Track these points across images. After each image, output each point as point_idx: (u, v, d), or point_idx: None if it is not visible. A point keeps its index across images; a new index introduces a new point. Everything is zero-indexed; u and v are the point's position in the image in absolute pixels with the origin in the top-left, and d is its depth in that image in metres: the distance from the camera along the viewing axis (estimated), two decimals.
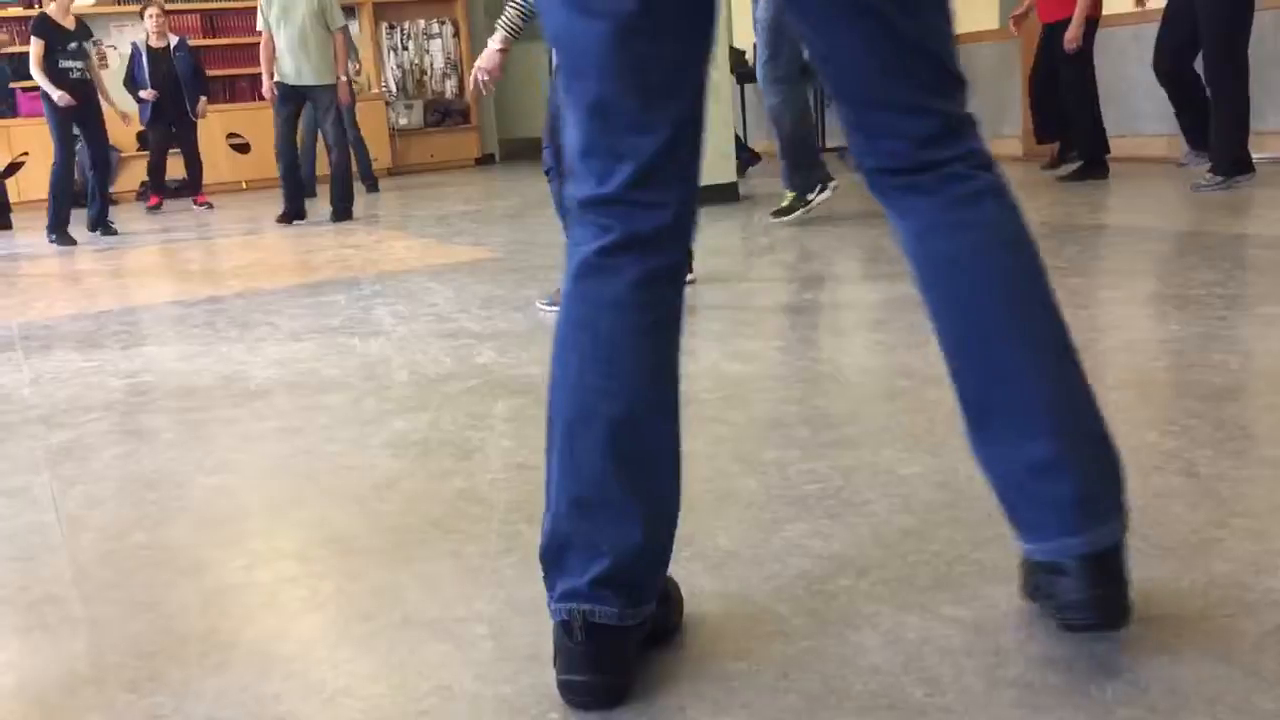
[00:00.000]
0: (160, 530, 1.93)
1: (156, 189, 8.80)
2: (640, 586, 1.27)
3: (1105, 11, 6.24)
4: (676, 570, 1.58)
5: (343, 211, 7.19)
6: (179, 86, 8.43)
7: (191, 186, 8.87)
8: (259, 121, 9.49)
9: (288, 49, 6.98)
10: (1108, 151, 6.02)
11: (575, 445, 1.25)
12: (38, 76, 6.78)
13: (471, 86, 3.75)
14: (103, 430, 2.60)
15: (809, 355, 2.80)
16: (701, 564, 1.61)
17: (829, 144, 9.21)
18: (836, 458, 2.00)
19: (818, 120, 6.24)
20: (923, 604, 1.43)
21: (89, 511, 2.05)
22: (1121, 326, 2.81)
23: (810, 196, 5.21)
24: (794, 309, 3.43)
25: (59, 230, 6.84)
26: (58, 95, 6.68)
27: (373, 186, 9.19)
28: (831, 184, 5.22)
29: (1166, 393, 2.28)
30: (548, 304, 3.62)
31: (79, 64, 6.86)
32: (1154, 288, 3.30)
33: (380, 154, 11.22)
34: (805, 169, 5.22)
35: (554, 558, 1.27)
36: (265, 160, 9.43)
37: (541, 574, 1.29)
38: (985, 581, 1.48)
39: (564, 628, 1.26)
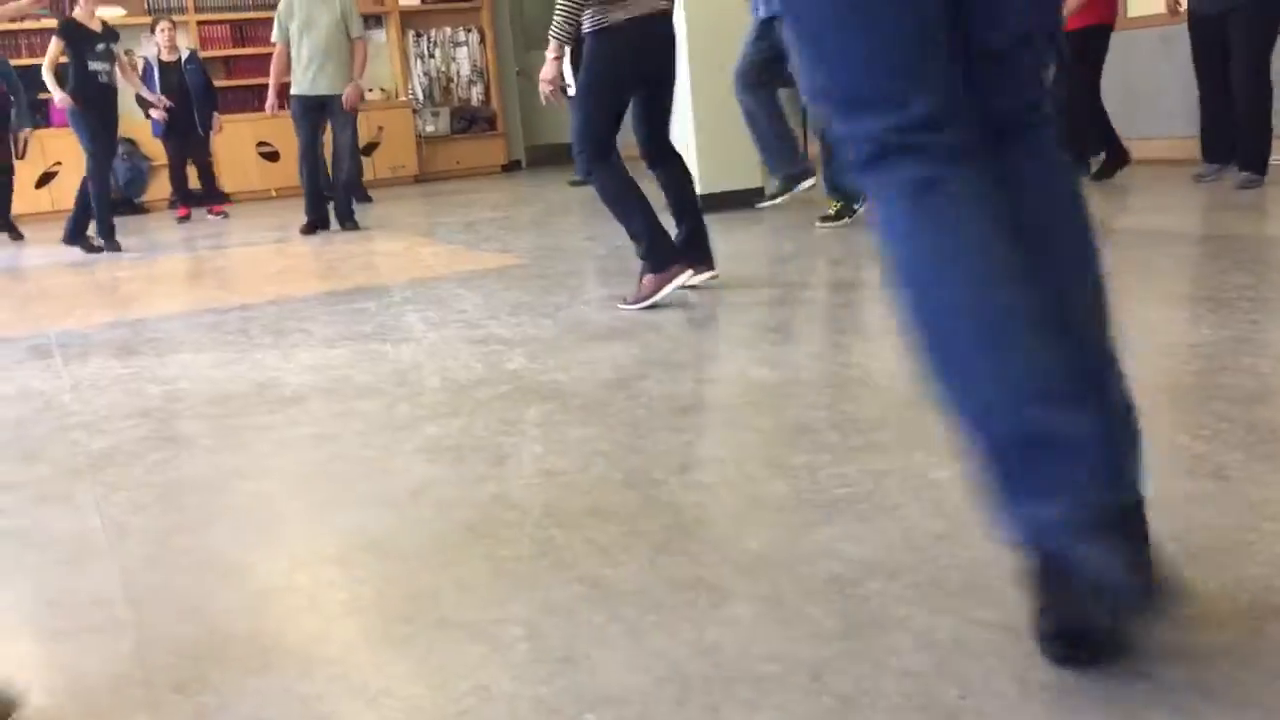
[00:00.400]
0: (202, 535, 1.97)
1: (184, 200, 8.90)
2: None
3: (1133, 14, 6.23)
4: (706, 573, 1.61)
5: (352, 221, 7.15)
6: (189, 99, 8.52)
7: (206, 198, 8.96)
8: (288, 130, 9.57)
9: (310, 59, 6.90)
10: (1128, 159, 6.01)
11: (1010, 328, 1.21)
12: (47, 78, 6.82)
13: (543, 99, 3.79)
14: (142, 436, 2.64)
15: (837, 360, 2.82)
16: (732, 567, 1.63)
17: None
18: (866, 462, 2.02)
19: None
20: (954, 607, 1.45)
21: (132, 516, 2.09)
22: (1153, 330, 2.81)
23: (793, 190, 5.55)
24: (822, 314, 3.45)
25: (107, 236, 6.92)
26: (59, 97, 6.70)
27: (363, 197, 9.05)
28: (809, 181, 5.46)
29: (1197, 396, 2.28)
30: (634, 303, 3.65)
31: (106, 66, 6.90)
32: (1185, 290, 3.29)
33: (407, 161, 11.32)
34: (787, 165, 5.47)
35: (1027, 464, 1.20)
36: (294, 168, 9.54)
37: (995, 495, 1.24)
38: (1016, 584, 1.49)
39: (1107, 536, 1.18)
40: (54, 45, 6.83)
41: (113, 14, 10.12)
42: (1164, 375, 2.42)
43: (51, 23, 10.10)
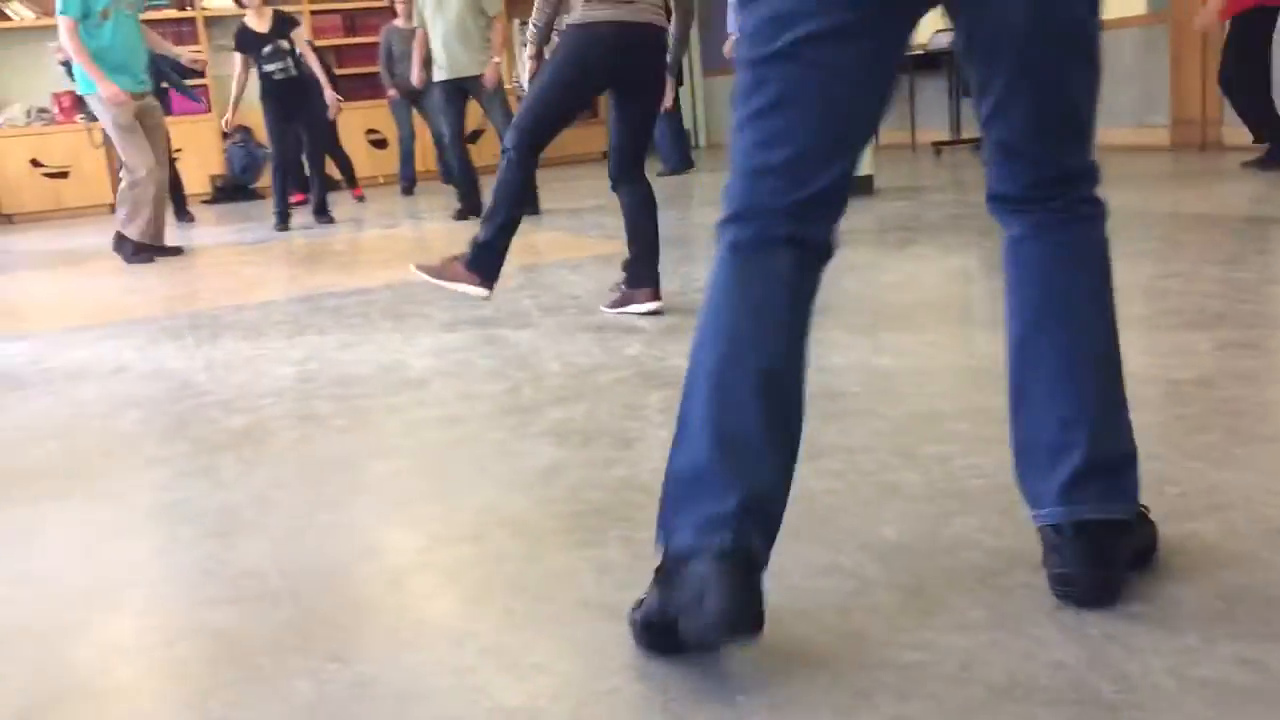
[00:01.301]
0: (342, 511, 2.03)
1: (299, 187, 8.68)
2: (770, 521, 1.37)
3: None
4: (844, 560, 1.61)
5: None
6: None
7: (347, 182, 9.31)
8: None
9: (444, 42, 6.67)
10: None
11: (730, 380, 1.39)
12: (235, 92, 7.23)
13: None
14: (277, 415, 2.73)
15: (960, 350, 2.78)
16: (869, 554, 1.63)
17: (964, 136, 9.06)
18: (1000, 453, 1.99)
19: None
20: None
21: (275, 491, 2.17)
22: None
23: None
24: (938, 303, 3.40)
25: (320, 210, 7.50)
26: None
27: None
28: None
29: None
30: (610, 307, 3.66)
31: (279, 64, 7.08)
32: None
33: None
34: None
35: (683, 494, 1.37)
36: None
37: (663, 509, 1.39)
38: (1169, 580, 1.46)
39: (715, 560, 1.31)
40: (236, 61, 7.17)
41: (222, 4, 10.43)
42: None
43: (166, 14, 10.47)
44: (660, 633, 1.37)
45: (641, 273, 3.66)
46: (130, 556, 1.90)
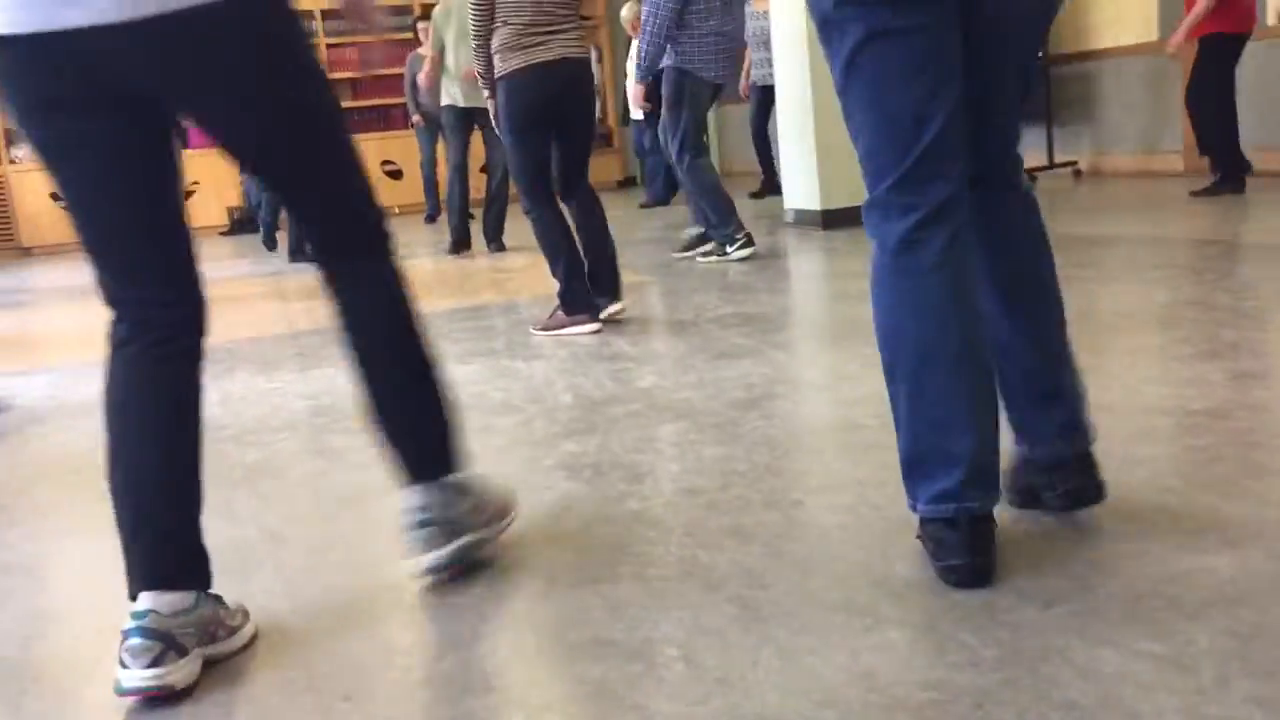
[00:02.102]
0: (355, 548, 2.04)
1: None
2: (991, 480, 1.64)
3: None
4: (857, 598, 1.61)
5: (499, 242, 6.99)
6: None
7: None
8: (411, 149, 9.84)
9: (462, 73, 6.57)
10: (1245, 170, 5.81)
11: (925, 380, 1.62)
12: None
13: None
14: (292, 450, 2.75)
15: None
16: (882, 591, 1.63)
17: None
18: None
19: None
20: (1115, 639, 1.42)
21: (288, 526, 2.18)
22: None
23: (730, 250, 5.38)
24: None
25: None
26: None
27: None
28: (750, 248, 5.37)
29: None
30: (540, 329, 3.95)
31: None
32: None
33: None
34: (721, 227, 5.40)
35: (916, 469, 1.66)
36: (415, 186, 9.79)
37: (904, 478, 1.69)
38: (1180, 617, 1.45)
39: (947, 524, 1.61)
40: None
41: None
42: None
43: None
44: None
45: (605, 279, 3.96)
46: None
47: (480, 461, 2.49)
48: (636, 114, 7.23)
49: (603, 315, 3.93)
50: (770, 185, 8.81)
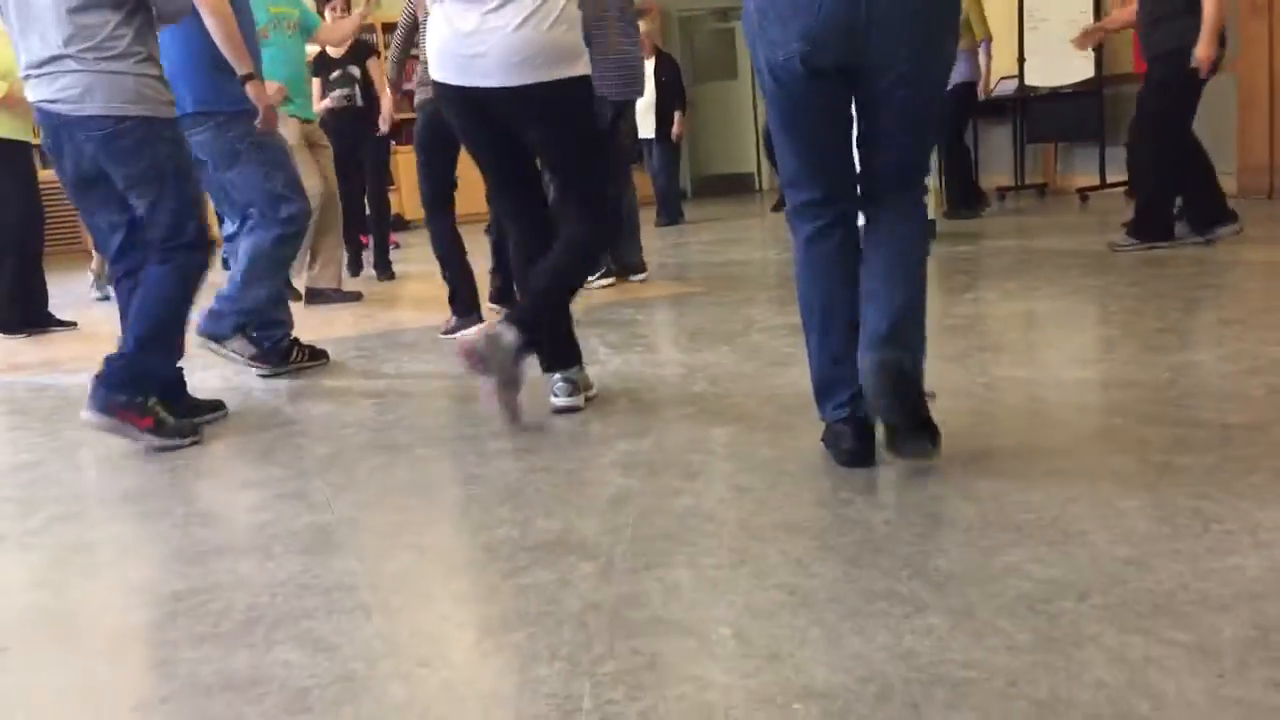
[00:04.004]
0: (426, 532, 2.17)
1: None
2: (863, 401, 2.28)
3: None
4: (899, 586, 1.71)
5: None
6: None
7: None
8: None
9: None
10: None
11: (829, 325, 2.31)
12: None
13: None
14: (360, 444, 2.89)
15: (1016, 391, 2.86)
16: (923, 581, 1.72)
17: (1027, 181, 9.08)
18: (1051, 489, 2.08)
19: None
20: (1145, 628, 1.51)
21: (361, 514, 2.31)
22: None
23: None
24: (995, 344, 3.48)
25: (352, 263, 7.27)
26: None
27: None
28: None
29: None
30: (448, 333, 4.39)
31: (344, 90, 6.81)
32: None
33: None
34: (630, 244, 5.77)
35: (824, 390, 2.35)
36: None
37: (815, 401, 2.37)
38: (1208, 610, 1.54)
39: (844, 422, 2.32)
40: (314, 85, 6.60)
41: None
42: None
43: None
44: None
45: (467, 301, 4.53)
46: (232, 568, 2.05)
47: (540, 458, 2.61)
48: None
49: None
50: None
